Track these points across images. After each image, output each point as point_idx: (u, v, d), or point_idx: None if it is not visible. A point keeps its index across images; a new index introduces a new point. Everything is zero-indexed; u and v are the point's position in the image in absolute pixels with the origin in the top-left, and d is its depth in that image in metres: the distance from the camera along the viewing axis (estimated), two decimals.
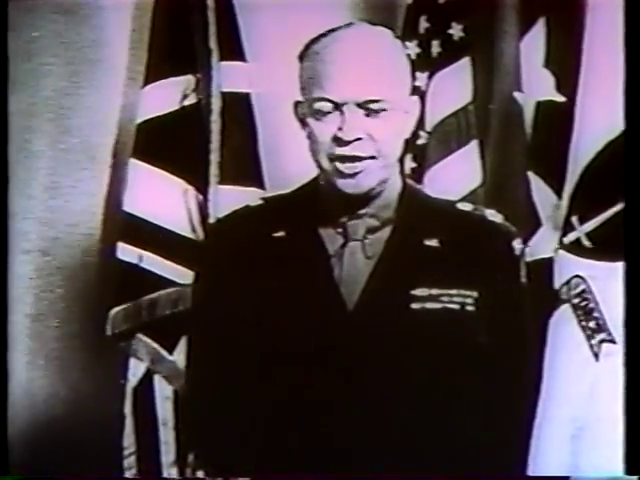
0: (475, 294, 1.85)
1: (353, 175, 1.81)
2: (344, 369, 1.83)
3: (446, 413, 1.85)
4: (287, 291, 1.86)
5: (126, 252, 2.57)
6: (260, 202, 1.99)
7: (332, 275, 1.85)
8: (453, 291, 1.85)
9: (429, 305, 1.84)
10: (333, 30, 1.85)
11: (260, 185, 2.59)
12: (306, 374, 1.84)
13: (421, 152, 2.59)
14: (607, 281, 2.34)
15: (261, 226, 1.91)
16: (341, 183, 1.82)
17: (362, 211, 1.87)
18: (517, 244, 1.93)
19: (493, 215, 1.94)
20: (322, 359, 1.83)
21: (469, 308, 1.85)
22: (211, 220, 2.52)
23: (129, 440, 2.57)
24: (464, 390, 1.86)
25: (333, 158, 1.81)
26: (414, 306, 1.84)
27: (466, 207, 1.96)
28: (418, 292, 1.84)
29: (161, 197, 2.57)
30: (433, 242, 1.87)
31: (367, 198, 1.86)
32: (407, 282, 1.85)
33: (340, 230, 1.87)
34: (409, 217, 1.89)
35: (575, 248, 2.41)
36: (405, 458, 1.85)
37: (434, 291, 1.84)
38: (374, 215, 1.87)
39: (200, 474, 1.99)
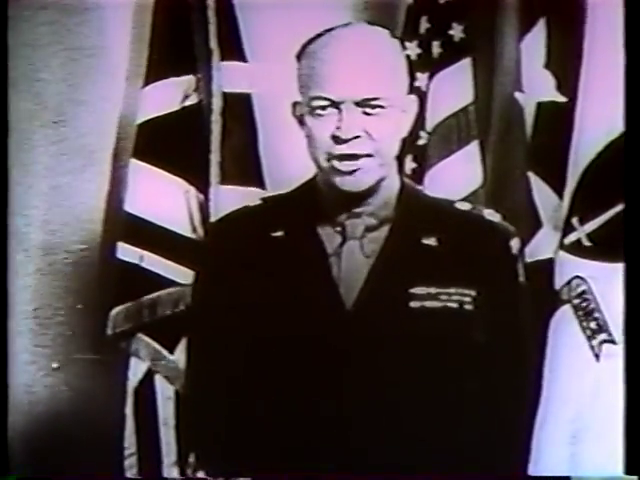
0: (473, 293, 1.86)
1: (351, 173, 1.81)
2: (343, 368, 1.83)
3: (445, 412, 1.86)
4: (286, 290, 1.86)
5: (127, 252, 2.57)
6: (259, 202, 2.00)
7: (331, 274, 1.86)
8: (451, 290, 1.85)
9: (427, 303, 1.84)
10: (330, 29, 1.86)
11: (261, 185, 2.60)
12: (305, 373, 1.85)
13: (422, 152, 2.58)
14: (608, 282, 2.35)
15: (260, 226, 1.92)
16: (339, 181, 1.82)
17: (360, 210, 1.87)
18: (515, 243, 1.93)
19: (491, 214, 1.94)
20: (321, 358, 1.83)
21: (467, 307, 1.85)
22: (212, 220, 2.52)
23: (130, 440, 2.57)
24: (463, 389, 1.86)
25: (331, 157, 1.82)
26: (412, 304, 1.84)
27: (464, 206, 1.96)
28: (416, 290, 1.84)
29: (162, 197, 2.58)
30: (431, 241, 1.88)
31: (365, 196, 1.86)
32: (405, 281, 1.85)
33: (339, 229, 1.88)
34: (407, 216, 1.89)
35: (576, 249, 2.41)
36: (404, 458, 1.85)
37: (432, 290, 1.85)
38: (372, 214, 1.87)
39: (201, 474, 1.99)
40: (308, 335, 1.85)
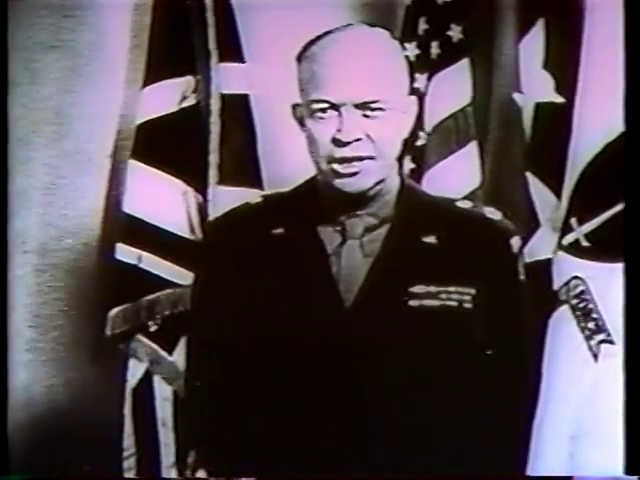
0: (473, 291, 1.86)
1: (351, 175, 1.81)
2: (342, 367, 1.83)
3: (444, 411, 1.86)
4: (285, 288, 1.86)
5: (125, 253, 2.57)
6: (259, 199, 2.00)
7: (330, 273, 1.86)
8: (451, 288, 1.85)
9: (427, 302, 1.84)
10: (330, 31, 1.85)
11: (259, 186, 2.59)
12: (304, 372, 1.85)
13: (420, 153, 2.58)
14: (606, 282, 2.34)
15: (260, 223, 1.92)
16: (339, 183, 1.83)
17: (361, 210, 1.87)
18: (515, 242, 1.93)
19: (492, 213, 1.95)
20: (320, 357, 1.83)
21: (467, 305, 1.85)
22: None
23: (129, 441, 2.57)
24: (462, 388, 1.86)
25: (332, 159, 1.82)
26: (412, 303, 1.84)
27: (465, 205, 1.96)
28: (416, 289, 1.84)
29: (160, 198, 2.57)
30: (431, 239, 1.88)
31: (365, 197, 1.86)
32: (405, 279, 1.85)
33: (339, 228, 1.88)
34: (407, 215, 1.89)
35: (574, 249, 2.41)
36: (404, 457, 1.85)
37: (432, 288, 1.85)
38: (373, 214, 1.88)
39: (201, 474, 1.99)
40: (307, 334, 1.84)
